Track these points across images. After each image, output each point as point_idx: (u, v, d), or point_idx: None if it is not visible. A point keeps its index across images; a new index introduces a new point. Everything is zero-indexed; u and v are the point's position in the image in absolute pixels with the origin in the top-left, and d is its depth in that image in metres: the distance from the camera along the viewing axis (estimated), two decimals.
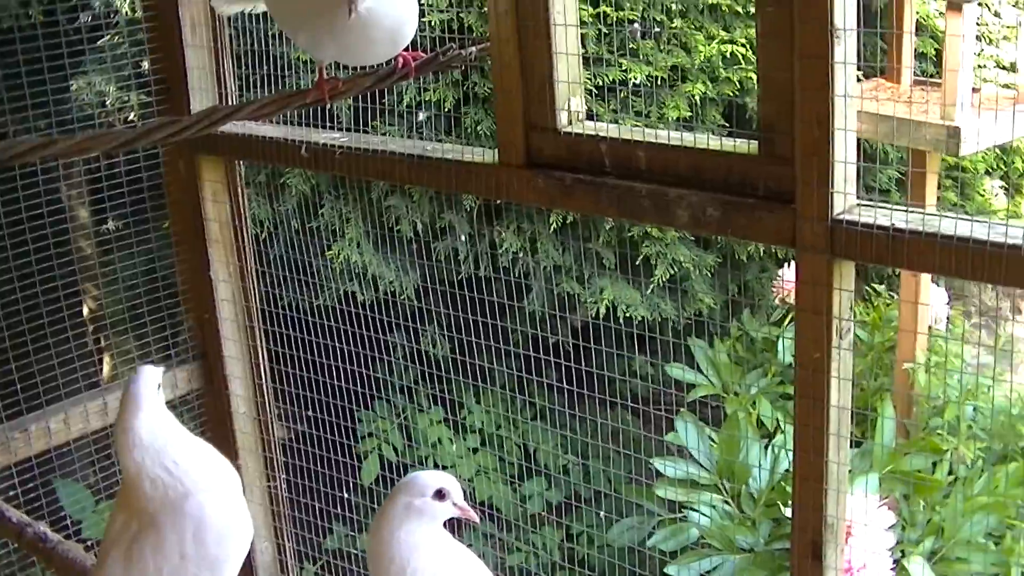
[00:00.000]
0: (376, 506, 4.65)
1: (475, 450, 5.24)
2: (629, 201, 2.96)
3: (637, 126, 4.31)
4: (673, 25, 4.54)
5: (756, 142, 2.77)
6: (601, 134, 3.03)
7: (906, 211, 2.60)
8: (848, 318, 2.69)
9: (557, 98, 3.07)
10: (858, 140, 4.13)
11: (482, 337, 4.15)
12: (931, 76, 4.92)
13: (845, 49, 2.56)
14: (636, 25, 4.44)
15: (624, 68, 4.43)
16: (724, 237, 4.41)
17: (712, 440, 4.26)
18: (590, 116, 3.26)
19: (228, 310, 4.16)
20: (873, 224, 2.57)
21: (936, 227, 2.52)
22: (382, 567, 2.78)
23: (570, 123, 3.10)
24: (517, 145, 3.13)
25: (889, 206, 2.65)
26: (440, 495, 2.77)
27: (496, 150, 3.22)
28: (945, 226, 2.52)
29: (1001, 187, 5.89)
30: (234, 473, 2.91)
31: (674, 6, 4.51)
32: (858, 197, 2.69)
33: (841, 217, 2.61)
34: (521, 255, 4.65)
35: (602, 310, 4.60)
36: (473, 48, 3.25)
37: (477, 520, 2.87)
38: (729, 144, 2.85)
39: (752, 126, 4.68)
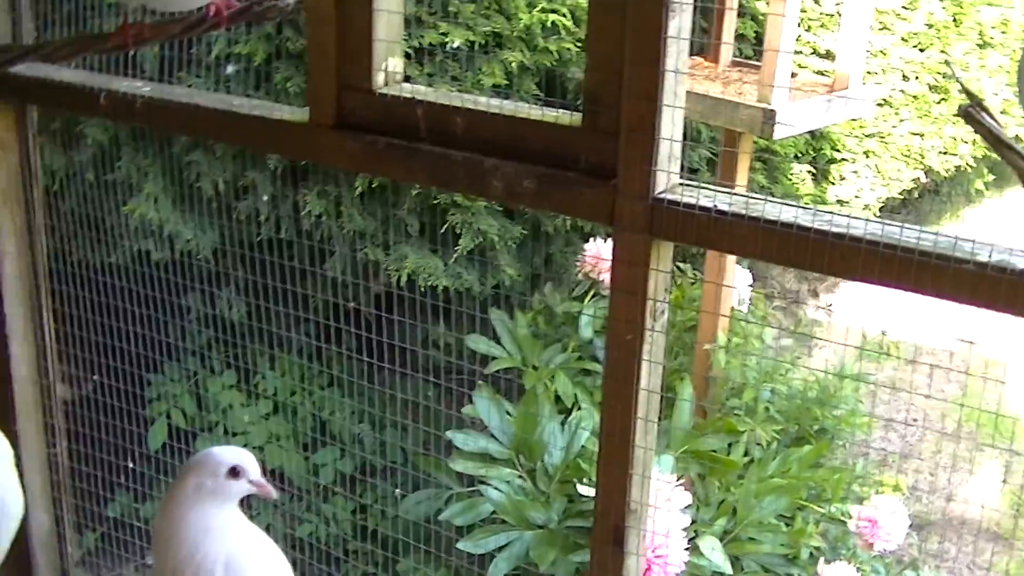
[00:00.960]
0: (161, 476, 4.51)
1: (267, 417, 5.09)
2: (443, 169, 2.86)
3: (452, 91, 4.23)
4: None
5: (580, 114, 2.69)
6: (418, 98, 2.91)
7: (730, 193, 2.55)
8: (664, 300, 2.63)
9: (374, 57, 2.94)
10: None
11: (280, 302, 4.04)
12: (749, 58, 4.93)
13: (680, 23, 2.50)
14: None
15: (442, 31, 4.32)
16: (540, 211, 4.35)
17: (509, 414, 4.20)
18: (406, 79, 3.14)
19: (12, 266, 3.92)
20: (696, 205, 2.52)
21: (760, 211, 2.48)
22: (170, 551, 2.63)
23: (386, 84, 2.97)
24: (329, 104, 2.99)
25: (712, 188, 2.60)
26: (235, 473, 2.65)
27: (307, 109, 3.07)
28: (769, 211, 2.48)
29: (809, 172, 5.98)
30: (4, 444, 2.73)
31: None
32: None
33: (663, 196, 2.55)
34: (324, 219, 4.51)
35: (403, 278, 4.50)
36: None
37: (275, 497, 2.75)
38: (552, 115, 2.76)
39: (567, 98, 4.62)
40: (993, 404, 4.95)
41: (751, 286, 4.98)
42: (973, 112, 2.21)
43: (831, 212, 2.45)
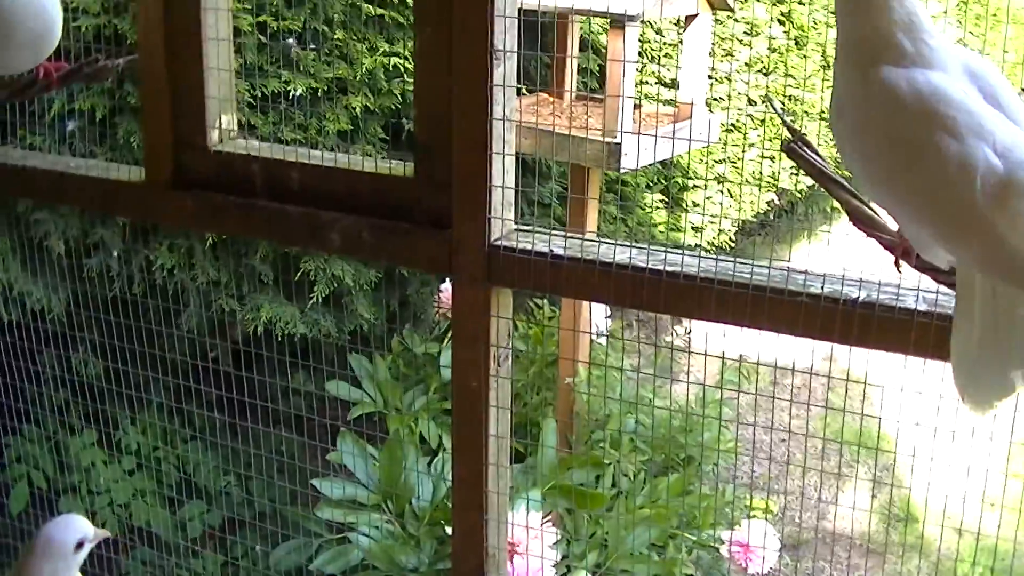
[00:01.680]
0: (22, 543, 4.41)
1: (131, 473, 5.00)
2: (281, 224, 2.85)
3: (297, 139, 4.21)
4: (335, 36, 4.43)
5: (412, 165, 2.69)
6: (253, 153, 2.90)
7: (564, 237, 2.57)
8: (506, 345, 2.64)
9: (208, 115, 2.92)
10: (521, 156, 4.15)
11: (137, 356, 3.97)
12: (594, 91, 4.96)
13: (505, 71, 2.51)
14: (291, 40, 4.31)
15: (284, 80, 4.30)
16: (379, 262, 4.34)
17: (374, 459, 4.18)
18: (251, 128, 3.13)
19: None
20: (531, 250, 2.53)
21: (595, 253, 2.50)
22: None
23: (221, 141, 2.96)
24: (165, 163, 2.97)
25: (547, 232, 2.61)
26: (80, 545, 2.66)
27: (143, 168, 3.04)
28: (604, 252, 2.50)
29: (661, 201, 6.03)
30: None
31: (336, 17, 4.40)
32: (522, 213, 2.65)
33: (498, 243, 2.56)
34: (176, 271, 4.46)
35: (260, 328, 4.46)
36: (120, 60, 3.07)
37: (110, 535, 2.77)
38: (385, 167, 2.76)
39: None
40: (858, 419, 5.00)
41: (609, 317, 5.01)
42: (796, 147, 2.24)
43: (665, 250, 2.47)
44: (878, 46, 1.86)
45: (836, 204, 6.68)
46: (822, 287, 2.30)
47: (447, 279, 4.60)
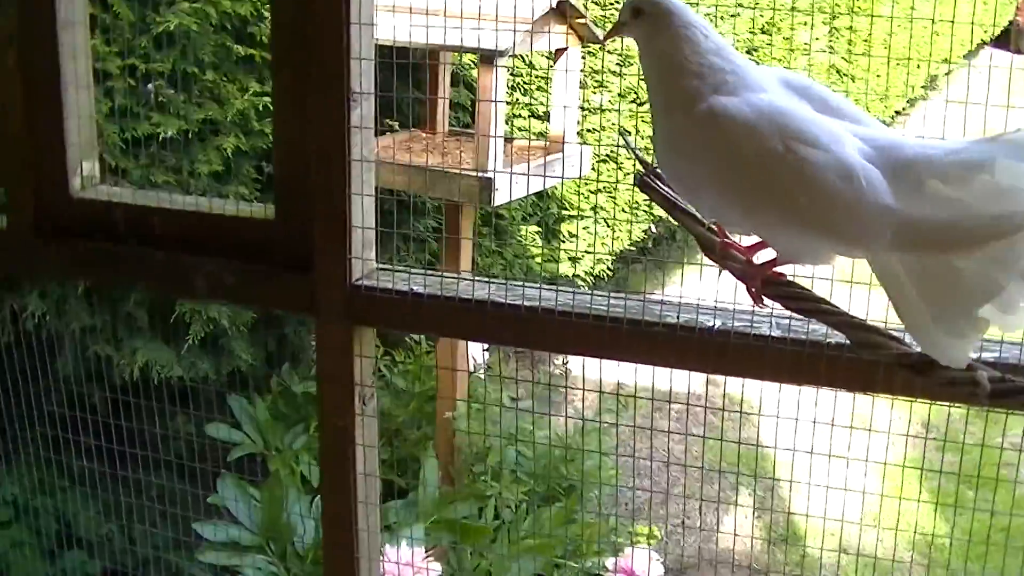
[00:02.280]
0: None
1: (7, 525, 4.92)
2: (145, 270, 2.84)
3: (168, 182, 4.19)
4: (206, 77, 4.41)
5: (274, 207, 2.70)
6: (115, 199, 2.88)
7: (424, 275, 2.59)
8: (371, 384, 2.66)
9: (69, 162, 2.90)
10: (394, 191, 4.17)
11: (12, 405, 3.93)
12: (467, 126, 4.99)
13: (362, 112, 2.53)
14: (150, 86, 4.28)
15: (155, 122, 4.27)
16: (244, 305, 4.31)
17: (256, 500, 4.16)
18: (122, 173, 3.11)
19: None
20: (392, 289, 2.55)
21: (455, 291, 2.52)
22: None
23: (83, 188, 2.94)
24: (26, 212, 2.94)
25: (407, 270, 2.64)
26: None
27: (5, 216, 3.01)
28: (464, 289, 2.52)
29: (537, 232, 6.07)
30: None
31: (207, 58, 4.38)
32: (397, 250, 2.67)
33: (360, 283, 2.58)
34: (48, 319, 4.40)
35: (136, 372, 4.41)
36: None
37: None
38: (247, 209, 2.77)
39: None
40: (745, 441, 5.07)
41: (487, 350, 5.03)
42: (648, 181, 2.28)
43: (523, 285, 2.50)
44: (698, 80, 1.92)
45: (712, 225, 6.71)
46: (677, 316, 2.34)
47: None
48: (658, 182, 2.28)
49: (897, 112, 10.80)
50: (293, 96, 2.58)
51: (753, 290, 2.10)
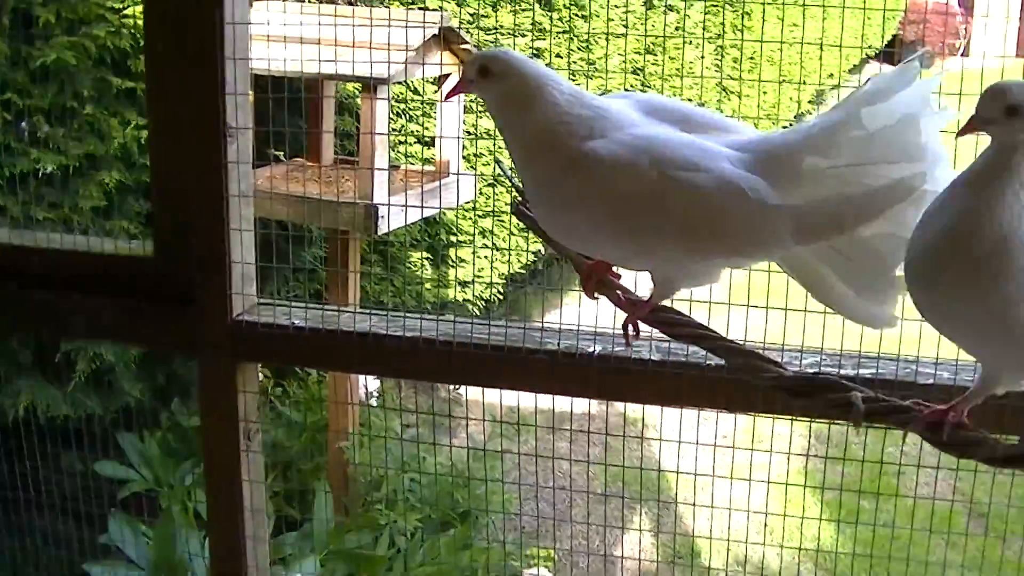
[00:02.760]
0: None
1: None
2: (23, 311, 2.80)
3: (49, 218, 4.13)
4: (85, 111, 4.36)
5: (153, 244, 2.68)
6: None
7: (305, 308, 2.58)
8: (256, 420, 2.64)
9: None
10: (283, 221, 4.15)
11: None
12: (352, 154, 4.97)
13: (239, 147, 2.52)
14: (23, 124, 4.23)
15: (34, 158, 4.22)
16: (125, 343, 4.25)
17: (147, 537, 4.11)
18: (1, 211, 3.06)
19: None
20: (273, 324, 2.54)
21: (336, 323, 2.52)
22: None
23: None
24: None
25: (289, 304, 2.63)
26: None
27: None
28: (345, 321, 2.52)
29: (427, 258, 6.06)
30: None
31: (86, 92, 4.33)
32: (286, 280, 2.66)
33: (241, 319, 2.57)
34: None
35: (20, 412, 4.34)
36: None
37: None
38: (125, 247, 2.75)
39: None
40: (637, 460, 5.10)
41: (378, 377, 5.01)
42: (524, 209, 2.29)
43: (404, 316, 2.51)
44: (564, 132, 1.90)
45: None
46: (558, 343, 2.36)
47: None
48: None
49: (784, 127, 10.93)
50: (169, 132, 2.56)
51: (631, 325, 2.09)
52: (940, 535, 4.20)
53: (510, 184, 2.39)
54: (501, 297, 6.95)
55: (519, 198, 2.30)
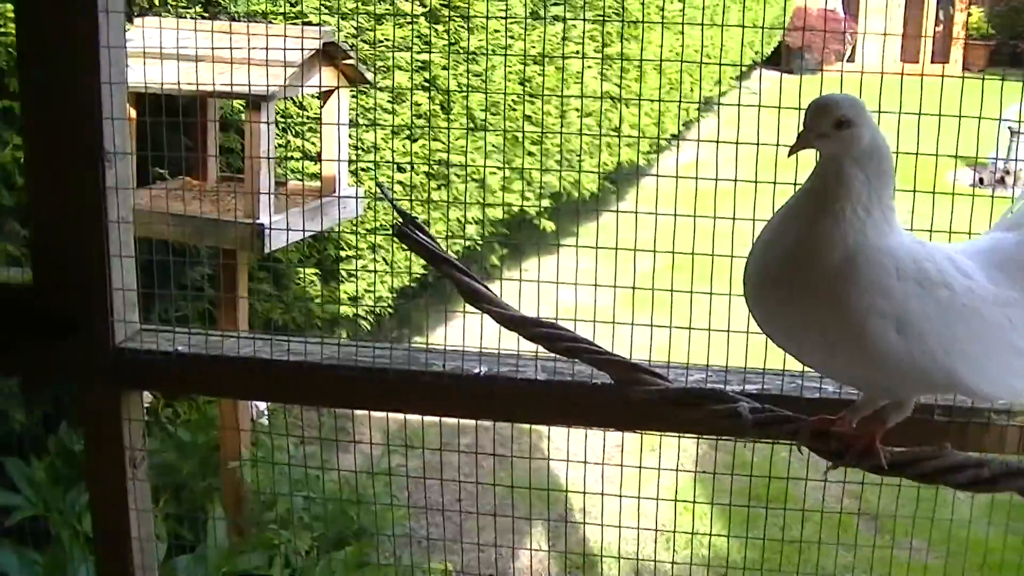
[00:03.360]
0: None
1: None
2: None
3: None
4: None
5: (32, 271, 2.64)
6: None
7: (188, 334, 2.56)
8: (141, 447, 2.61)
9: None
10: (167, 242, 4.11)
11: None
12: (240, 171, 4.93)
13: (116, 173, 2.49)
14: None
15: None
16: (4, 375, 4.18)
17: (38, 564, 4.05)
18: None
19: None
20: (157, 351, 2.52)
21: (220, 349, 2.50)
22: None
23: None
24: None
25: (172, 330, 2.60)
26: None
27: None
28: (229, 347, 2.50)
29: (316, 274, 6.03)
30: None
31: None
32: (173, 299, 2.63)
33: (124, 346, 2.54)
34: None
35: None
36: None
37: None
38: (3, 274, 2.70)
39: None
40: (536, 474, 5.11)
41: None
42: (407, 230, 2.28)
43: (288, 340, 2.49)
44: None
45: (496, 261, 6.75)
46: (443, 364, 2.36)
47: None
48: (417, 231, 2.28)
49: (673, 135, 11.05)
50: (45, 158, 2.52)
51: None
52: (833, 541, 4.26)
53: (392, 206, 2.37)
54: (392, 311, 6.93)
55: (401, 220, 2.30)
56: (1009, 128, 10.56)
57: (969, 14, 25.55)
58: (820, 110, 1.85)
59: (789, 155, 1.90)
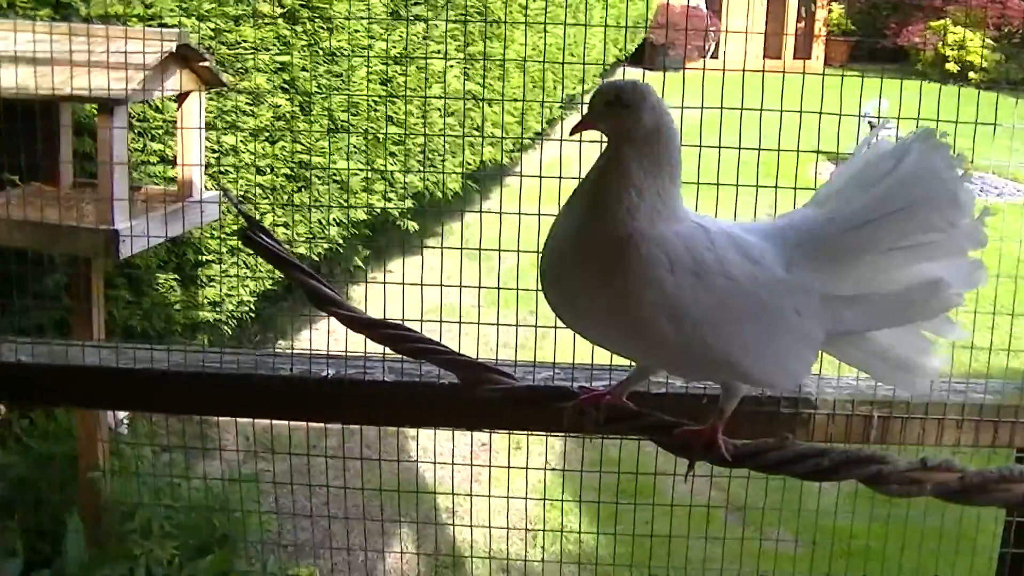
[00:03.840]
0: None
1: None
2: None
3: None
4: None
5: None
6: None
7: (32, 343, 2.51)
8: None
9: None
10: (21, 249, 4.02)
11: None
12: (93, 176, 4.84)
13: None
14: None
15: None
16: None
17: None
18: None
19: None
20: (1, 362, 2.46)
21: (65, 359, 2.45)
22: None
23: None
24: None
25: (15, 340, 2.55)
26: None
27: None
28: (74, 356, 2.46)
29: (175, 279, 5.94)
30: None
31: None
32: (26, 309, 2.58)
33: None
34: None
35: None
36: None
37: None
38: None
39: None
40: (403, 475, 5.10)
41: None
42: (252, 235, 2.25)
43: (135, 348, 2.45)
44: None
45: (359, 263, 6.72)
46: (291, 368, 2.34)
47: None
48: (264, 237, 2.26)
49: (537, 133, 11.08)
50: None
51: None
52: (700, 534, 4.31)
53: (238, 212, 2.35)
54: (254, 316, 6.86)
55: (247, 225, 2.27)
56: (870, 122, 10.77)
57: (830, 10, 26.04)
58: (599, 91, 1.88)
59: (571, 135, 1.94)
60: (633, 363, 2.17)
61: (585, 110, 1.91)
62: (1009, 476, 1.66)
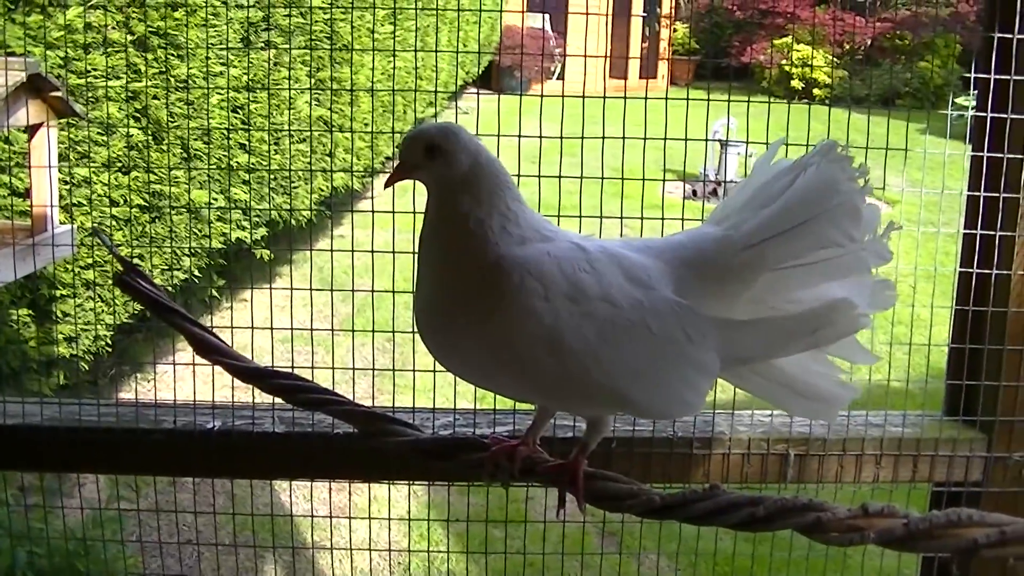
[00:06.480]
0: None
1: None
2: None
3: None
4: None
5: None
6: None
7: None
8: None
9: None
10: None
11: None
12: None
13: None
14: None
15: None
16: None
17: None
18: None
19: None
20: None
21: None
22: None
23: None
24: None
25: None
26: None
27: None
28: None
29: (30, 315, 5.78)
30: None
31: None
32: None
33: None
34: None
35: None
36: None
37: None
38: None
39: None
40: (265, 506, 5.02)
41: None
42: (129, 280, 2.18)
43: (5, 401, 2.36)
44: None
45: (215, 292, 6.58)
46: (174, 421, 2.26)
47: None
48: (141, 281, 2.18)
49: (388, 157, 11.02)
50: None
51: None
52: (574, 557, 4.29)
53: (113, 255, 2.27)
54: (110, 349, 6.70)
55: (122, 269, 2.20)
56: (719, 141, 10.92)
57: (674, 30, 26.40)
58: (410, 141, 1.85)
59: (385, 187, 1.90)
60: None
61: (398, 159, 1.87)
62: (957, 521, 1.63)
